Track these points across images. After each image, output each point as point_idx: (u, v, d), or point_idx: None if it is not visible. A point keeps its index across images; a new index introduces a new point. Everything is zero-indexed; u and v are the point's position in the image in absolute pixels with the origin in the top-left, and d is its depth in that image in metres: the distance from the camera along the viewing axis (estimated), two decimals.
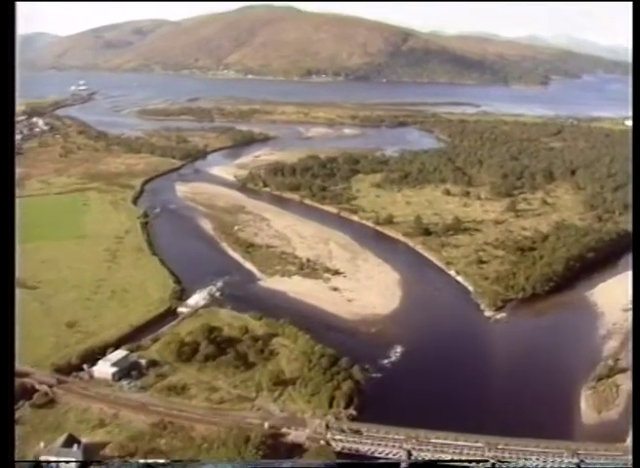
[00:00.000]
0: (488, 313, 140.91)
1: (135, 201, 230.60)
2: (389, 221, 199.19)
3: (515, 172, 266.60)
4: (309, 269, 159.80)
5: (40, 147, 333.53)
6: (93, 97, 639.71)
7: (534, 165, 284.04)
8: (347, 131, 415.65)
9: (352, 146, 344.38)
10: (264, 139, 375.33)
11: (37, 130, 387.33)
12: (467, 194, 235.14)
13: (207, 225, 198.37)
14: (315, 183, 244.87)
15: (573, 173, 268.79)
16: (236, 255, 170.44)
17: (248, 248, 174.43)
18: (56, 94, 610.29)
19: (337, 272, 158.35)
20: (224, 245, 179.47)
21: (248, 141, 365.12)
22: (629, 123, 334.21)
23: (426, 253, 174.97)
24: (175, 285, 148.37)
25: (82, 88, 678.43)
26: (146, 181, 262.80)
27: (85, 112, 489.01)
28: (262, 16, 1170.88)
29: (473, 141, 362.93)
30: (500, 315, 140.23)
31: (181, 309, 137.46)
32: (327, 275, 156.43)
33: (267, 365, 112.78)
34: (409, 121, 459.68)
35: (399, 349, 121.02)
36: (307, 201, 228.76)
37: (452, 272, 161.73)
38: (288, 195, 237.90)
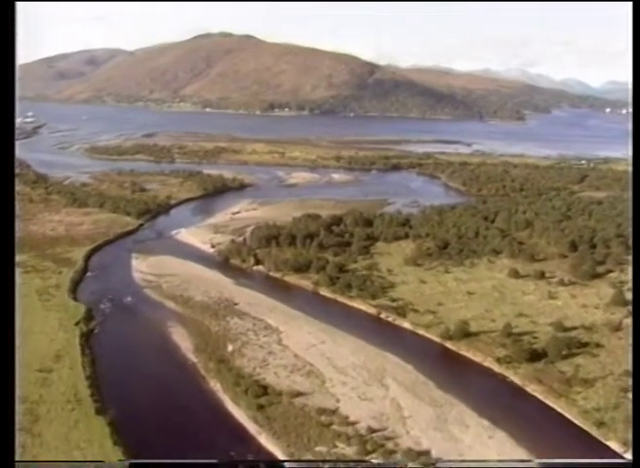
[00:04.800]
0: None
1: (74, 288, 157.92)
2: (464, 333, 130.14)
3: (583, 238, 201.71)
4: (379, 453, 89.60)
5: None
6: (38, 132, 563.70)
7: (597, 226, 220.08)
8: (336, 176, 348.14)
9: (349, 197, 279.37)
10: (240, 187, 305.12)
11: None
12: (542, 275, 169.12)
13: (183, 341, 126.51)
14: (327, 259, 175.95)
15: None
16: (241, 416, 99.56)
17: (258, 397, 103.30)
18: None
19: (430, 462, 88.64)
20: (217, 387, 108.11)
21: (220, 190, 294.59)
22: None
23: (551, 402, 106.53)
24: None
25: (29, 120, 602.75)
26: (92, 251, 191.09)
27: (27, 149, 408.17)
28: (219, 45, 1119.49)
29: (495, 191, 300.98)
30: None
31: None
32: None
33: None
34: (402, 163, 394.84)
35: None
36: (324, 291, 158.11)
37: (615, 445, 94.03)
38: (293, 279, 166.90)
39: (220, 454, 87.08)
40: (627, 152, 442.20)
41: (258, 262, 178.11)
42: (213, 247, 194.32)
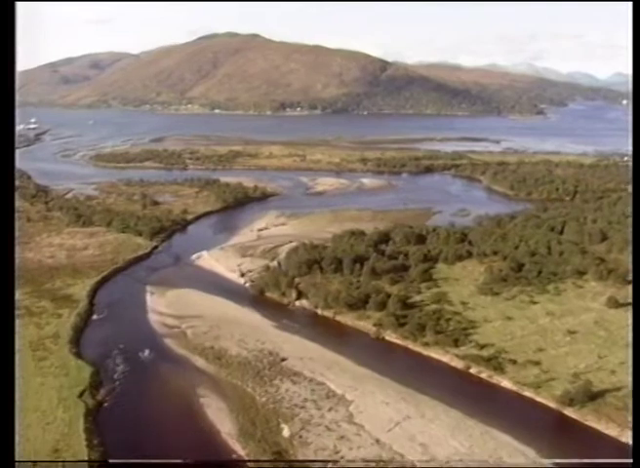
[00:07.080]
0: None
1: (77, 338, 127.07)
2: (588, 396, 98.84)
3: None
4: None
5: None
6: (41, 138, 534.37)
7: None
8: (366, 181, 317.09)
9: (387, 206, 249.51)
10: (262, 197, 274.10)
11: None
12: None
13: (223, 421, 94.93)
14: (386, 291, 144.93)
15: None
16: None
17: None
18: None
19: None
20: None
21: (241, 201, 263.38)
22: None
23: None
24: None
25: (32, 127, 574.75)
26: (98, 284, 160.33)
27: (28, 158, 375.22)
28: (226, 45, 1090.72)
29: (547, 194, 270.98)
30: None
31: None
32: None
33: None
34: (435, 165, 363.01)
35: None
36: (390, 335, 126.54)
37: None
38: (348, 319, 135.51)
39: None
40: None
41: (300, 296, 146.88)
42: (242, 275, 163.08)
